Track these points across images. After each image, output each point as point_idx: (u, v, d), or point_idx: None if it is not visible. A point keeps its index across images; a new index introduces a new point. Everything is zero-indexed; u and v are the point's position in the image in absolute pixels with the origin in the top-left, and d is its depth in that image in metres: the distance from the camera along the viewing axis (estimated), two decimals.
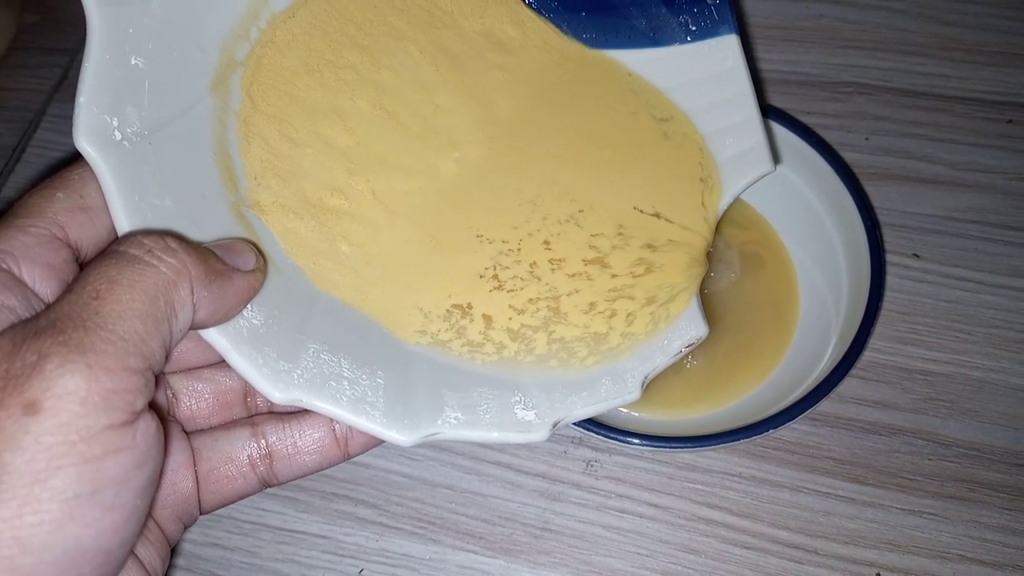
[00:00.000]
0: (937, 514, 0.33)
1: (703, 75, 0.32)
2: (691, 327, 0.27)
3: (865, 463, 0.34)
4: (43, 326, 0.17)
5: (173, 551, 0.24)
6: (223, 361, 0.25)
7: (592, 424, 0.31)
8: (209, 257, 0.20)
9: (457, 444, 0.36)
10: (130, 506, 0.17)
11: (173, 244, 0.19)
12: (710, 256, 0.30)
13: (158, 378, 0.19)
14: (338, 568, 0.34)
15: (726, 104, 0.32)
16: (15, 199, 0.32)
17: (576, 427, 0.31)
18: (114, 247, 0.19)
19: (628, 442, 0.31)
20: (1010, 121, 0.41)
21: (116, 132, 0.21)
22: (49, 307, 0.18)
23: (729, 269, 0.37)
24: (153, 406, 0.18)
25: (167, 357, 0.19)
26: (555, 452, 0.35)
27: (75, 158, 0.21)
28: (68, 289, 0.18)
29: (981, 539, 0.33)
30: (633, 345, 0.26)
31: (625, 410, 0.35)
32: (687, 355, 0.27)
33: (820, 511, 0.33)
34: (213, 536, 0.34)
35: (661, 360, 0.26)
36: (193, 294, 0.19)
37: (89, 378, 0.16)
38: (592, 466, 0.35)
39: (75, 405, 0.16)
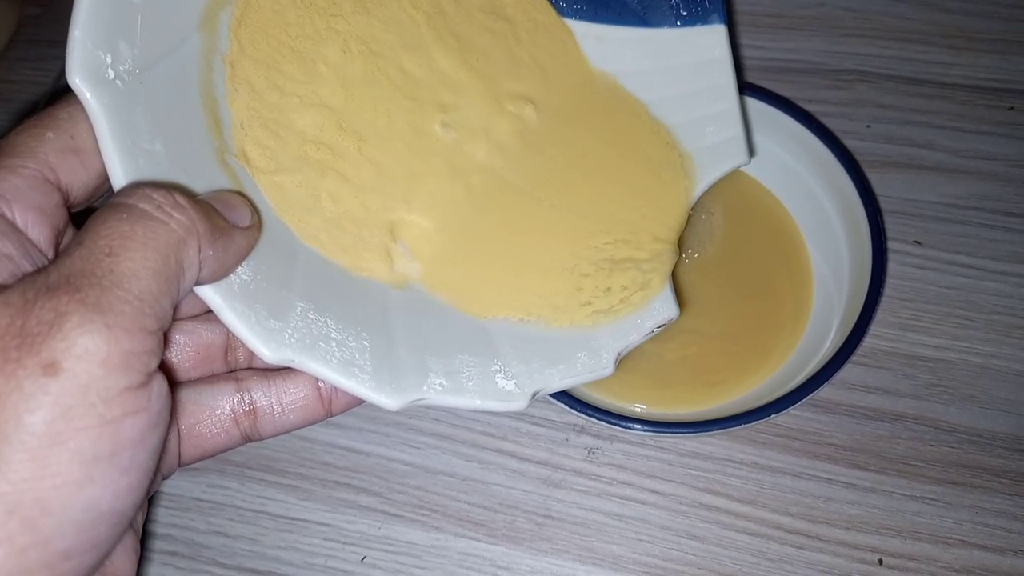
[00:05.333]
0: (939, 500, 0.33)
1: (689, 61, 0.32)
2: (664, 309, 0.28)
3: (867, 449, 0.34)
4: (56, 281, 0.16)
5: (150, 502, 0.24)
6: (204, 313, 0.24)
7: (594, 410, 0.31)
8: (212, 213, 0.20)
9: (458, 431, 0.36)
10: (144, 467, 0.17)
11: (182, 200, 0.19)
12: (681, 242, 0.30)
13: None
14: (340, 555, 0.34)
15: (708, 93, 0.32)
16: None
17: (578, 413, 0.31)
18: (121, 199, 0.18)
19: (630, 428, 0.31)
20: (1012, 108, 0.41)
21: (109, 70, 0.20)
22: (58, 260, 0.17)
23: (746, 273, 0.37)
24: (161, 366, 0.18)
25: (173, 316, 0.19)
26: (557, 439, 0.35)
27: (62, 95, 0.20)
28: (77, 242, 0.17)
29: (983, 524, 0.32)
30: (609, 324, 0.27)
31: (635, 405, 0.35)
32: (658, 334, 0.28)
33: (822, 497, 0.33)
34: (216, 524, 0.35)
35: (634, 338, 0.27)
36: (200, 252, 0.19)
37: (109, 339, 0.16)
38: (594, 453, 0.35)
39: (95, 366, 0.16)
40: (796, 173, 0.37)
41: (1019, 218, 0.38)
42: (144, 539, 0.33)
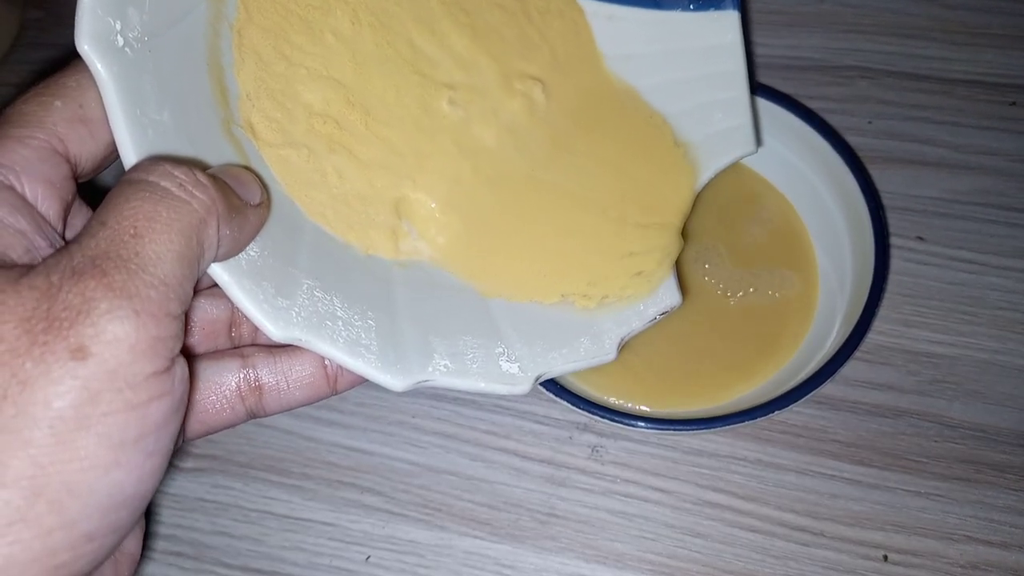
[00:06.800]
0: (944, 495, 0.33)
1: (700, 46, 0.32)
2: (667, 296, 0.28)
3: (871, 445, 0.34)
4: (81, 264, 0.16)
5: (153, 501, 0.24)
6: (208, 288, 0.24)
7: (598, 408, 0.31)
8: (228, 191, 0.19)
9: (462, 430, 0.36)
10: (165, 451, 0.17)
11: (202, 178, 0.19)
12: (686, 232, 0.30)
13: None
14: (345, 555, 0.34)
15: (718, 78, 0.32)
16: None
17: (582, 411, 0.31)
18: (141, 176, 0.18)
19: (634, 425, 0.31)
20: (1014, 103, 0.41)
21: (119, 37, 0.19)
22: (82, 241, 0.17)
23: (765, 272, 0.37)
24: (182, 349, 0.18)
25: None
26: (560, 438, 0.35)
27: (69, 61, 0.20)
28: (100, 221, 0.17)
29: (988, 520, 0.32)
30: (612, 310, 0.27)
31: (638, 403, 0.35)
32: (661, 321, 0.28)
33: (826, 494, 0.33)
34: (220, 525, 0.35)
35: (637, 325, 0.27)
36: (218, 231, 0.19)
37: (137, 325, 0.16)
38: (597, 451, 0.35)
39: (124, 352, 0.16)
40: (798, 170, 0.37)
41: (1021, 213, 0.38)
42: (148, 520, 0.33)
